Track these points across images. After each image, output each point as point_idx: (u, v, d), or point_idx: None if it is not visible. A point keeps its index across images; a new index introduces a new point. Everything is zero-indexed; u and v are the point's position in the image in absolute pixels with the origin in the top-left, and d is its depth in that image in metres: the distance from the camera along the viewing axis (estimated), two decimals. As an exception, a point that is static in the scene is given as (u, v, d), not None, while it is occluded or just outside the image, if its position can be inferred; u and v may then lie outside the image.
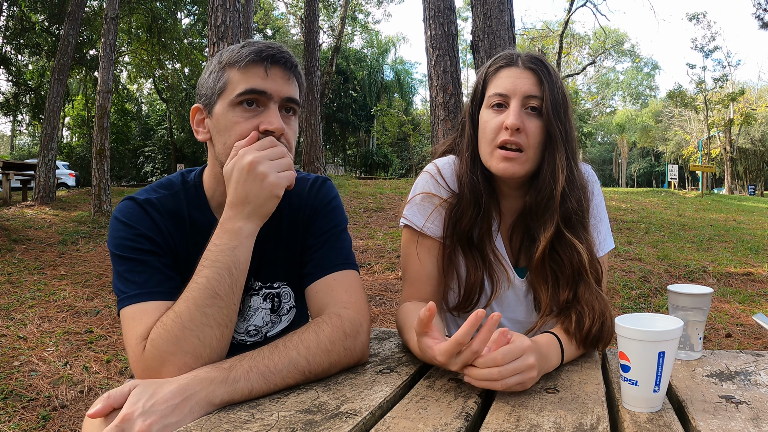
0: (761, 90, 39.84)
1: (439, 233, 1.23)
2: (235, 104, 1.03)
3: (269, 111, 1.03)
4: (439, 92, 5.58)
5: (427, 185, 1.25)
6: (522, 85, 1.14)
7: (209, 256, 0.97)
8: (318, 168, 12.03)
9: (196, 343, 0.91)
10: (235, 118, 1.03)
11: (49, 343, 3.58)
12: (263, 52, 1.03)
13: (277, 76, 1.04)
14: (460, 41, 9.62)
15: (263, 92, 1.02)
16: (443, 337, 0.94)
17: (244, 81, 1.02)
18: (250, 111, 1.03)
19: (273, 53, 1.03)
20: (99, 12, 15.82)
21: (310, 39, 12.69)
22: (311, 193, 1.20)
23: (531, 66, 1.16)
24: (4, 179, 10.22)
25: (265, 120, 1.02)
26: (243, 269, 0.98)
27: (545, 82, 1.14)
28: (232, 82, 1.03)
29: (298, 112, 1.11)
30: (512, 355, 0.87)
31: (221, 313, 0.94)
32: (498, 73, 1.19)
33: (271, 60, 1.03)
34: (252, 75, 1.02)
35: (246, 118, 1.03)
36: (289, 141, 1.06)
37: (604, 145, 57.16)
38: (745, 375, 1.00)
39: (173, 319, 0.92)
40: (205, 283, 0.94)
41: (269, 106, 1.03)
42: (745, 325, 3.89)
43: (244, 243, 0.98)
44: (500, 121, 1.14)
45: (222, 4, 6.09)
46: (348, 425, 0.75)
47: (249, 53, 1.03)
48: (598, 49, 33.60)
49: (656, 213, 10.30)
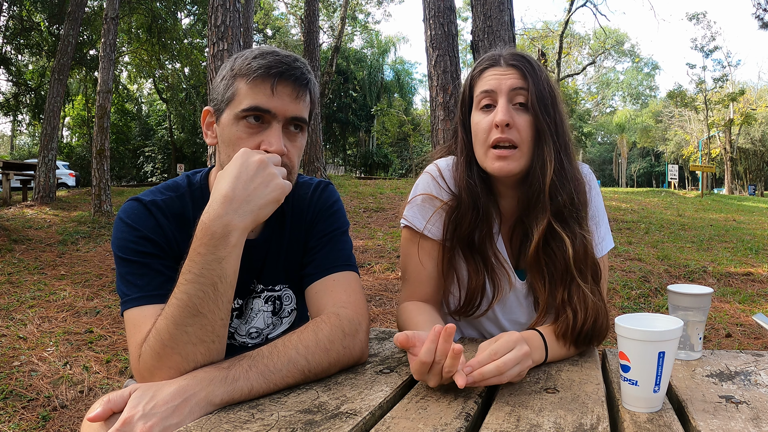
0: (761, 90, 39.84)
1: (440, 235, 1.23)
2: (239, 118, 1.02)
3: (272, 130, 1.01)
4: (439, 92, 5.58)
5: (428, 186, 1.25)
6: (506, 81, 1.15)
7: (192, 267, 0.89)
8: (318, 168, 12.02)
9: (178, 359, 0.89)
10: (239, 134, 1.02)
11: (49, 343, 3.58)
12: (273, 68, 1.00)
13: (284, 94, 1.01)
14: (460, 41, 9.62)
15: (267, 111, 1.01)
16: None
17: (250, 96, 1.01)
18: (255, 127, 1.02)
19: (282, 70, 1.01)
20: (99, 12, 15.82)
21: (310, 39, 12.68)
22: (314, 197, 1.20)
23: (513, 63, 1.18)
24: (4, 179, 10.22)
25: (266, 140, 1.01)
26: (230, 282, 0.92)
27: (529, 76, 1.15)
28: (239, 95, 1.02)
29: (307, 128, 1.09)
30: (508, 346, 0.90)
31: (204, 330, 0.89)
32: (483, 74, 1.21)
33: (280, 76, 1.01)
34: (258, 91, 1.00)
35: (249, 135, 1.01)
36: (292, 160, 1.04)
37: (604, 145, 57.15)
38: (745, 375, 1.00)
39: (154, 336, 0.90)
40: (186, 300, 0.88)
41: (272, 124, 1.02)
42: (745, 325, 3.89)
43: (232, 253, 0.91)
44: (490, 120, 1.15)
45: (222, 4, 6.09)
46: (348, 425, 0.75)
47: (258, 67, 1.00)
48: (598, 49, 33.59)
49: (656, 213, 10.29)
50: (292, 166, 1.05)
